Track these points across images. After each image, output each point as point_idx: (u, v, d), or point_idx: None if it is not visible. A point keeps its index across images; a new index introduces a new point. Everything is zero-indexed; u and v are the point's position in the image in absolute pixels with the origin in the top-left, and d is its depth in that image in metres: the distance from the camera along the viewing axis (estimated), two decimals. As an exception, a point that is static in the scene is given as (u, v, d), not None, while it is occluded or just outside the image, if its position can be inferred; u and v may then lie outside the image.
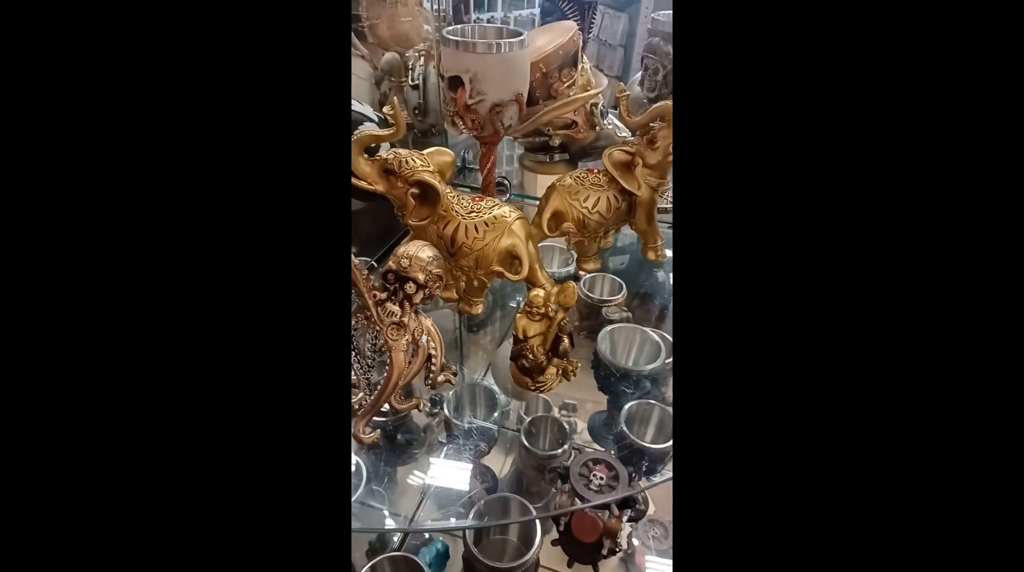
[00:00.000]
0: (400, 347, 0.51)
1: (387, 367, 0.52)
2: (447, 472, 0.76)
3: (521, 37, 0.64)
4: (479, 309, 0.65)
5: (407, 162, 0.57)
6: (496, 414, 0.77)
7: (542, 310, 0.52)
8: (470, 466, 0.76)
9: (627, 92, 0.67)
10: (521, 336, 0.53)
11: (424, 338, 0.53)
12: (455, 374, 0.57)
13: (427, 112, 0.97)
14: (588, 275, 0.80)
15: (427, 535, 0.92)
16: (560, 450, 0.82)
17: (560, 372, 0.56)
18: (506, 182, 0.92)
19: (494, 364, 0.74)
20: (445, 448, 0.75)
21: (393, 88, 0.99)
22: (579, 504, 0.74)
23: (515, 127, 0.77)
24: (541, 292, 0.52)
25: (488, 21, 1.78)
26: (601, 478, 0.82)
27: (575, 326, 0.83)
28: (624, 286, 0.78)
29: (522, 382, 0.56)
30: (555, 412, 0.98)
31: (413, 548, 0.79)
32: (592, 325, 0.78)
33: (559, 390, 0.83)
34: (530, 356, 0.53)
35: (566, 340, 0.55)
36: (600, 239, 0.73)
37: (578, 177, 0.69)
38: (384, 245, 0.88)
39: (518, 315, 0.53)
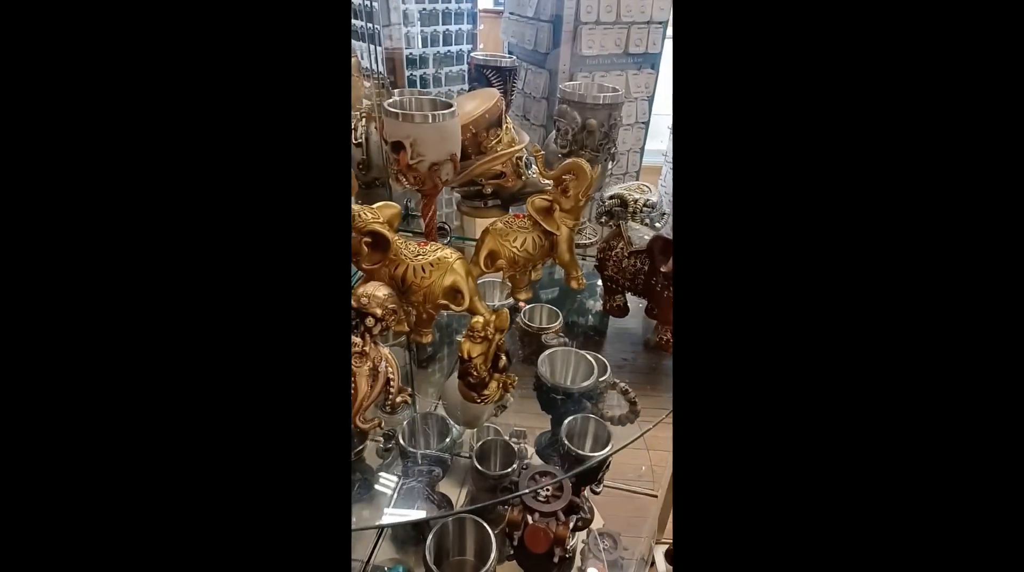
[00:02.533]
0: (363, 373, 0.60)
1: (351, 391, 0.60)
2: (403, 505, 0.81)
3: (452, 108, 0.77)
4: (428, 338, 0.75)
5: (360, 215, 0.67)
6: (447, 441, 0.83)
7: (482, 333, 0.62)
8: (425, 498, 0.81)
9: (542, 151, 0.81)
10: (466, 357, 0.63)
11: (383, 365, 0.62)
12: (411, 396, 0.66)
13: (370, 167, 1.07)
14: (527, 306, 0.90)
15: (385, 567, 0.97)
16: (510, 468, 0.89)
17: (501, 385, 0.66)
18: (446, 226, 1.03)
19: (444, 395, 0.81)
20: (400, 480, 0.80)
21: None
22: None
23: (452, 180, 0.89)
24: (481, 318, 0.63)
25: (420, 78, 1.94)
26: (547, 489, 0.90)
27: (518, 353, 0.93)
28: (560, 314, 0.88)
29: (469, 397, 0.66)
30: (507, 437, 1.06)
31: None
32: (533, 351, 0.87)
33: (508, 419, 0.90)
34: (474, 373, 0.63)
35: (504, 357, 0.65)
36: (530, 272, 0.85)
37: (507, 221, 0.81)
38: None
39: (462, 339, 0.63)
